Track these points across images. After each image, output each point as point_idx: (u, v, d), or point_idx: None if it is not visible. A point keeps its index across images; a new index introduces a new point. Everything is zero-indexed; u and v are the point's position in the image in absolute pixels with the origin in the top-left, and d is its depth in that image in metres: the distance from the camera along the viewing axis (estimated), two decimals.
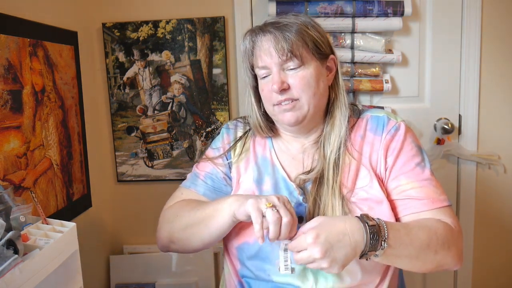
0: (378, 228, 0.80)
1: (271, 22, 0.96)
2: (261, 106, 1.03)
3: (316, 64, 0.95)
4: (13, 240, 0.75)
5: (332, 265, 0.77)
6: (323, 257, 0.76)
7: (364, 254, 0.81)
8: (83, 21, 1.57)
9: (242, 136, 1.08)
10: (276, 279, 0.94)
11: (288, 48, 0.91)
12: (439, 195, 0.93)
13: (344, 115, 0.97)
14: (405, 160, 0.96)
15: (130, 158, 1.70)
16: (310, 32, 0.94)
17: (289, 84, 0.93)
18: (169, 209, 1.05)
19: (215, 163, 1.06)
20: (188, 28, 1.61)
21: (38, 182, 1.21)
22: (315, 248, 0.76)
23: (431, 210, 0.92)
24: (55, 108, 1.31)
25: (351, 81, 1.57)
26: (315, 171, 0.96)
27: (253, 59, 0.98)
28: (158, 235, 1.04)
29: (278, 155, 1.04)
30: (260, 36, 0.95)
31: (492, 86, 1.61)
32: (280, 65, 0.93)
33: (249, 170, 1.03)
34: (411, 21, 1.60)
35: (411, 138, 0.98)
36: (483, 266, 1.71)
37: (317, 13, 1.51)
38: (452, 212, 0.95)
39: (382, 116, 1.01)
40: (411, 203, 0.93)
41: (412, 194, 0.93)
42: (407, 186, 0.94)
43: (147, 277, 1.67)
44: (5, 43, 1.08)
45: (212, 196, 1.03)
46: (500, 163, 1.65)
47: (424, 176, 0.95)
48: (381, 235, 0.80)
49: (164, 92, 1.65)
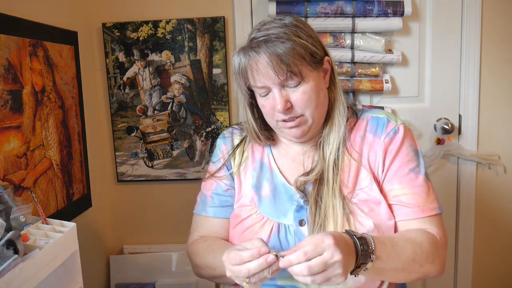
0: (366, 241, 0.81)
1: (261, 39, 0.90)
2: (257, 117, 1.03)
3: (314, 74, 0.93)
4: (13, 240, 0.75)
5: (343, 272, 0.74)
6: (341, 262, 0.73)
7: (356, 268, 0.80)
8: (83, 21, 1.57)
9: (240, 144, 1.09)
10: (280, 282, 0.94)
11: (286, 69, 0.88)
12: (429, 203, 0.94)
13: (342, 115, 0.97)
14: (400, 164, 0.96)
15: (130, 158, 1.70)
16: (303, 40, 0.91)
17: (291, 102, 0.92)
18: (189, 249, 1.08)
19: (218, 177, 1.07)
20: (188, 28, 1.61)
21: (38, 182, 1.21)
22: (337, 249, 0.73)
23: (419, 219, 0.93)
24: (55, 108, 1.31)
25: (351, 81, 1.57)
26: (315, 173, 0.96)
27: (249, 78, 0.94)
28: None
29: (277, 159, 1.05)
30: (253, 56, 0.90)
31: (492, 86, 1.61)
32: (280, 84, 0.91)
33: (248, 177, 1.04)
34: (411, 21, 1.60)
35: (409, 142, 0.98)
36: (483, 266, 1.71)
37: (317, 13, 1.51)
38: (441, 221, 0.96)
39: (382, 117, 1.00)
40: (402, 209, 0.94)
41: (403, 200, 0.94)
42: (399, 191, 0.94)
43: (147, 277, 1.67)
44: (5, 43, 1.08)
45: (222, 214, 1.06)
46: (500, 163, 1.65)
47: (417, 182, 0.95)
48: (369, 247, 0.80)
49: (164, 92, 1.65)
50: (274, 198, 0.99)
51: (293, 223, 0.95)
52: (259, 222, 0.98)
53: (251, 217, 1.00)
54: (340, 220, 0.91)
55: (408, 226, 0.93)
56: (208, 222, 1.08)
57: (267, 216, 0.98)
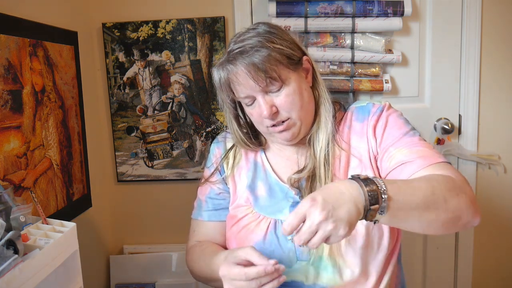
0: (372, 181, 0.75)
1: (236, 51, 0.92)
2: (244, 127, 1.05)
3: (294, 76, 0.94)
4: (13, 240, 0.75)
5: (338, 225, 0.69)
6: (326, 218, 0.69)
7: (369, 211, 0.73)
8: (83, 21, 1.57)
9: (233, 146, 1.11)
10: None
11: (265, 75, 0.89)
12: (432, 154, 0.89)
13: (328, 110, 0.98)
14: (391, 132, 0.96)
15: (130, 158, 1.70)
16: (277, 45, 0.91)
17: (276, 107, 0.93)
18: (187, 254, 1.10)
19: (211, 182, 1.10)
20: (188, 28, 1.61)
21: (38, 182, 1.21)
22: (315, 211, 0.69)
23: (426, 167, 0.86)
24: (55, 108, 1.31)
25: (351, 81, 1.57)
26: (307, 170, 0.97)
27: (232, 91, 0.96)
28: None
29: (270, 159, 1.06)
30: (231, 69, 0.92)
31: (492, 86, 1.61)
32: (262, 91, 0.92)
33: (243, 177, 1.06)
34: (411, 21, 1.59)
35: (396, 113, 1.00)
36: (483, 266, 1.71)
37: (317, 13, 1.51)
38: (452, 167, 0.88)
39: (366, 104, 1.02)
40: (406, 167, 0.88)
41: (404, 159, 0.90)
42: (398, 154, 0.91)
43: (147, 277, 1.67)
44: (5, 43, 1.08)
45: (216, 217, 1.09)
46: (500, 163, 1.65)
47: (414, 142, 0.92)
48: (378, 187, 0.74)
49: (164, 92, 1.65)
50: (269, 197, 1.01)
51: None
52: (255, 220, 0.99)
53: (247, 217, 1.01)
54: None
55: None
56: (204, 226, 1.10)
57: (263, 215, 0.99)
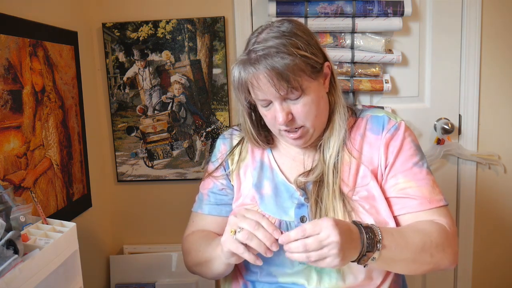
0: (371, 230, 0.82)
1: (260, 53, 0.88)
2: (256, 124, 1.04)
3: (314, 84, 0.92)
4: (13, 240, 0.75)
5: (339, 254, 0.76)
6: (338, 242, 0.75)
7: (362, 256, 0.81)
8: (83, 21, 1.57)
9: (239, 143, 1.10)
10: (281, 280, 0.94)
11: (287, 85, 0.87)
12: (435, 195, 0.94)
13: (343, 118, 0.98)
14: (404, 159, 0.96)
15: (130, 158, 1.70)
16: (303, 51, 0.88)
17: (292, 114, 0.92)
18: (184, 242, 1.10)
19: (215, 177, 1.09)
20: (188, 28, 1.61)
21: (38, 182, 1.21)
22: (335, 231, 0.75)
23: (427, 210, 0.93)
24: (55, 108, 1.31)
25: (351, 81, 1.57)
26: (315, 175, 0.96)
27: (249, 92, 0.95)
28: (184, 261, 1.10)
29: (277, 158, 1.05)
30: (253, 73, 0.88)
31: (492, 86, 1.61)
32: (281, 98, 0.90)
33: (248, 176, 1.05)
34: (411, 21, 1.60)
35: (410, 137, 0.99)
36: (483, 266, 1.71)
37: (317, 13, 1.51)
38: (449, 212, 0.95)
39: (382, 116, 1.01)
40: (408, 202, 0.94)
41: (409, 192, 0.94)
42: (405, 184, 0.95)
43: (147, 277, 1.67)
44: (5, 43, 1.08)
45: (217, 212, 1.08)
46: (500, 163, 1.65)
47: (422, 175, 0.96)
48: (375, 236, 0.81)
49: (164, 92, 1.65)
50: (275, 196, 1.00)
51: (294, 219, 0.96)
52: None
53: None
54: (341, 218, 0.92)
55: (417, 219, 0.93)
56: (203, 219, 1.10)
57: (268, 214, 0.98)
